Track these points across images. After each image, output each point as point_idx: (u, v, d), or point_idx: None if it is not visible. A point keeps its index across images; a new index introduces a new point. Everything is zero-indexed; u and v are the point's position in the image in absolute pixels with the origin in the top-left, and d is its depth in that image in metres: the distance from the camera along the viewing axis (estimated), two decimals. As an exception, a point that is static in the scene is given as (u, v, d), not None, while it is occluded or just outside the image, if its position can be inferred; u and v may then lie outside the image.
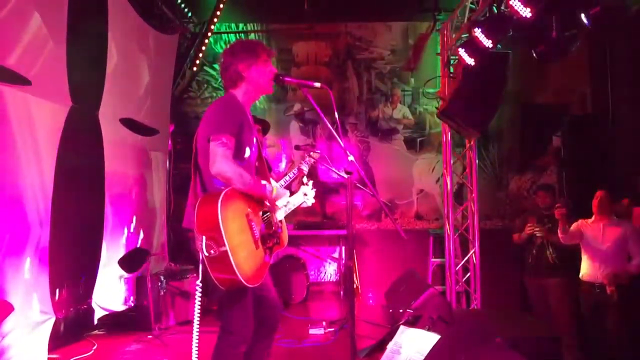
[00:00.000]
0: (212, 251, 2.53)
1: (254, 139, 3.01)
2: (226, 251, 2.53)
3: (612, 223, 4.81)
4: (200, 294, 2.71)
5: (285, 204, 3.24)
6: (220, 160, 2.68)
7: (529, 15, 4.44)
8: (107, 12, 5.44)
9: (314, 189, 3.58)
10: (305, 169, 3.97)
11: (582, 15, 4.23)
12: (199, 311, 2.76)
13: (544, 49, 4.79)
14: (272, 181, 3.35)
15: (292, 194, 3.55)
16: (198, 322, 2.77)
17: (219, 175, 2.69)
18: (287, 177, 3.90)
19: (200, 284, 2.69)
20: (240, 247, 2.64)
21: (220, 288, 2.65)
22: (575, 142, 6.77)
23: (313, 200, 3.55)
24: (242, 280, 2.59)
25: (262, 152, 3.13)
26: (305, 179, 3.64)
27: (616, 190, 5.51)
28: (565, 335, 4.98)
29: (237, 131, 2.80)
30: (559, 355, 4.57)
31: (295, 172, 3.91)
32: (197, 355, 2.77)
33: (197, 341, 2.78)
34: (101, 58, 5.42)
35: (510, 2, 4.51)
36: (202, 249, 2.54)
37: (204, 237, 2.54)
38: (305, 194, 3.51)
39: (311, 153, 4.03)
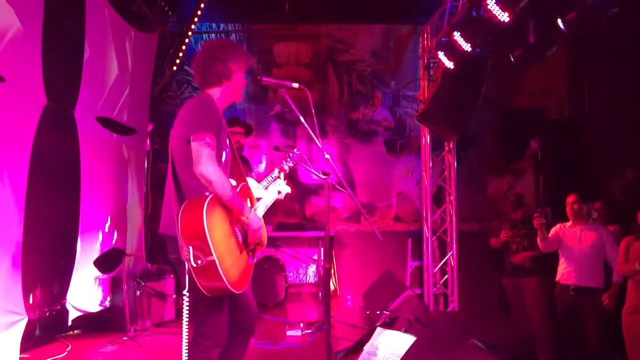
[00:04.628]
0: (199, 261, 2.48)
1: (228, 142, 2.97)
2: (213, 260, 2.49)
3: (588, 228, 4.86)
4: (188, 304, 2.65)
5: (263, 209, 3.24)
6: (205, 162, 2.60)
7: (506, 19, 4.49)
8: (85, 9, 5.37)
9: (286, 181, 3.57)
10: (287, 168, 3.95)
11: (559, 21, 4.28)
12: (187, 319, 2.69)
13: (522, 52, 4.85)
14: (252, 181, 3.33)
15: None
16: (187, 331, 2.72)
17: (202, 177, 2.61)
18: (269, 178, 3.87)
19: (188, 293, 2.63)
20: (226, 254, 2.60)
21: (205, 294, 2.60)
22: (552, 146, 6.85)
23: (288, 190, 3.53)
24: (230, 288, 2.56)
25: (235, 154, 3.08)
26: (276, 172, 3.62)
27: (592, 194, 5.58)
28: (540, 336, 5.04)
29: (216, 131, 2.75)
30: (534, 356, 4.62)
31: (277, 172, 3.88)
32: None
33: (186, 349, 2.72)
34: (78, 56, 5.34)
35: (489, 7, 4.55)
36: (190, 259, 2.48)
37: (190, 248, 2.48)
38: (280, 192, 3.50)
39: (290, 154, 4.01)
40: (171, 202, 2.73)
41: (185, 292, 2.62)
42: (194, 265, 2.49)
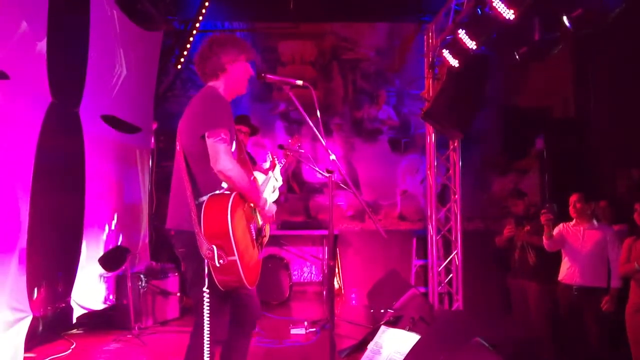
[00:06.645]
0: (221, 261, 2.49)
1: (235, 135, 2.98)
2: (235, 260, 2.51)
3: (592, 227, 4.84)
4: (208, 301, 2.62)
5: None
6: (223, 159, 2.60)
7: (512, 17, 4.47)
8: (89, 7, 5.37)
9: (279, 167, 3.57)
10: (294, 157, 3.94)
11: (565, 18, 4.27)
12: (208, 316, 2.63)
13: (526, 50, 4.83)
14: (259, 174, 3.33)
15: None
16: (208, 330, 2.64)
17: (222, 174, 2.62)
18: (275, 171, 3.87)
19: (207, 290, 2.61)
20: (245, 251, 2.63)
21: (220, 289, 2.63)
22: (557, 145, 6.83)
23: (280, 178, 3.53)
24: (246, 284, 2.60)
25: (242, 147, 3.09)
26: (268, 165, 3.61)
27: (597, 192, 5.56)
28: (543, 337, 5.02)
29: (229, 125, 2.75)
30: (538, 356, 4.60)
31: (282, 163, 3.87)
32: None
33: (207, 348, 2.66)
34: (82, 53, 5.34)
35: (494, 4, 4.53)
36: (214, 258, 2.49)
37: (214, 247, 2.49)
38: (276, 179, 3.50)
39: (293, 147, 3.99)
40: (182, 197, 2.71)
41: (205, 289, 2.61)
42: (217, 264, 2.50)
